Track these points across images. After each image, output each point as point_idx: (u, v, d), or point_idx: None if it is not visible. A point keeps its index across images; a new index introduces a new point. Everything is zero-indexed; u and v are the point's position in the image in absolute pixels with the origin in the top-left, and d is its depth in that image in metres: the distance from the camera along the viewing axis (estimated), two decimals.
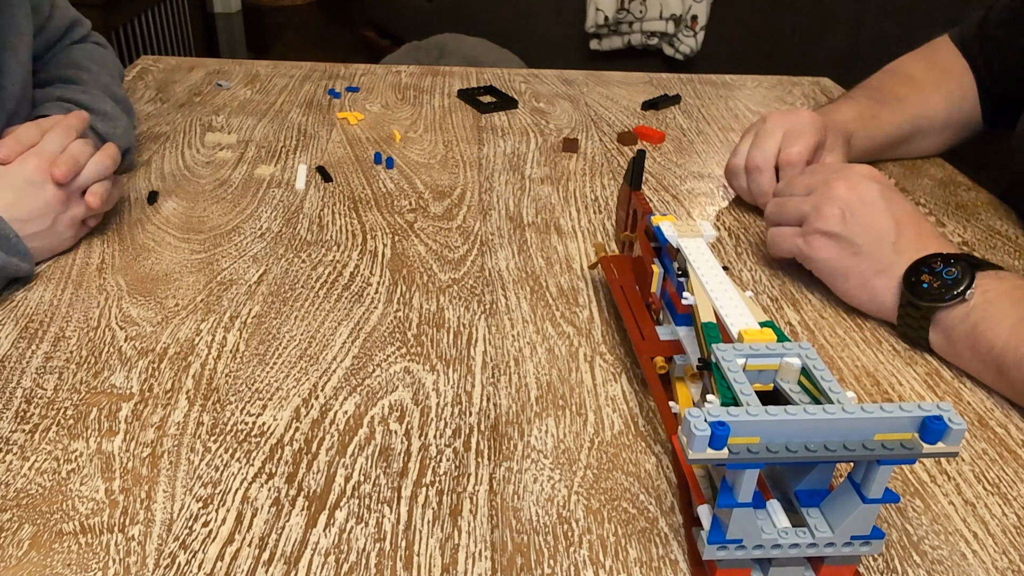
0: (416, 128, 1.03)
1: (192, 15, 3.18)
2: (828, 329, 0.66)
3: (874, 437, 0.38)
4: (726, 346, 0.44)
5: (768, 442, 0.37)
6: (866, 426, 0.38)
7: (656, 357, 0.54)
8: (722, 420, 0.36)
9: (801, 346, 0.44)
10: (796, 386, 0.43)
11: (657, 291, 0.59)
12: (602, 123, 1.07)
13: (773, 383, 0.44)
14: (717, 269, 0.53)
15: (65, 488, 0.48)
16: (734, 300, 0.50)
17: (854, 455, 0.37)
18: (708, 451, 0.36)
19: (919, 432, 0.38)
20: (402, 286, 0.69)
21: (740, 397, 0.40)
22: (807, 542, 0.40)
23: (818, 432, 0.38)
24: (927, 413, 0.37)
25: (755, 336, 0.46)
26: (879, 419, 0.37)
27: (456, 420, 0.55)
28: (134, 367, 0.58)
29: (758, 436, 0.37)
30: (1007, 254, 0.78)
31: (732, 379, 0.41)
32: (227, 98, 1.09)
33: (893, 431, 0.38)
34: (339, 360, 0.60)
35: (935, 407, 0.38)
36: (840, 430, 0.38)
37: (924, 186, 0.92)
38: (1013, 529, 0.48)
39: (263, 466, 0.50)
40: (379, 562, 0.44)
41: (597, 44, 2.68)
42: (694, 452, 0.36)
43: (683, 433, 0.37)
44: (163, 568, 0.43)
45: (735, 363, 0.43)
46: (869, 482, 0.39)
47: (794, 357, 0.43)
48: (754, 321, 0.48)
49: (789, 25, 2.61)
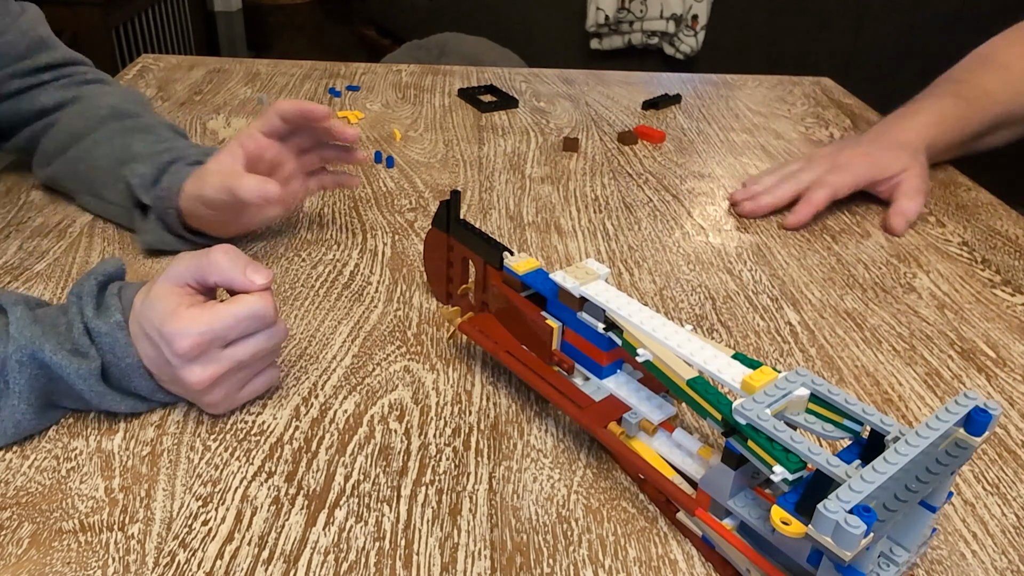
0: (416, 127, 1.03)
1: (192, 13, 3.18)
2: (828, 329, 0.66)
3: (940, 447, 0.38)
4: (749, 403, 0.39)
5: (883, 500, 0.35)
6: (935, 444, 0.37)
7: (610, 424, 0.48)
8: (864, 504, 0.33)
9: (800, 372, 0.41)
10: (809, 416, 0.41)
11: (558, 346, 0.53)
12: (602, 123, 1.07)
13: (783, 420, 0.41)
14: (645, 310, 0.48)
15: (65, 486, 0.48)
16: (698, 344, 0.45)
17: (939, 476, 0.37)
18: (863, 540, 0.33)
19: (965, 427, 0.38)
20: (402, 285, 0.69)
21: (815, 459, 0.36)
22: (893, 572, 0.39)
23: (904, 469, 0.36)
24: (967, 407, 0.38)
25: (760, 380, 0.41)
26: (942, 433, 0.37)
27: (456, 419, 0.55)
28: None
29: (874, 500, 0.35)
30: (1007, 254, 0.79)
31: (789, 437, 0.37)
32: (227, 97, 1.09)
33: (948, 437, 0.38)
34: (339, 359, 0.60)
35: (966, 399, 0.38)
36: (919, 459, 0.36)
37: None
38: (1012, 529, 0.48)
39: (263, 465, 0.50)
40: (378, 561, 0.44)
41: (598, 43, 2.68)
42: (852, 551, 0.33)
43: (822, 532, 0.33)
44: (162, 566, 0.43)
45: (770, 419, 0.38)
46: (938, 493, 0.39)
47: (802, 388, 0.41)
48: (736, 362, 0.44)
49: (789, 25, 2.61)
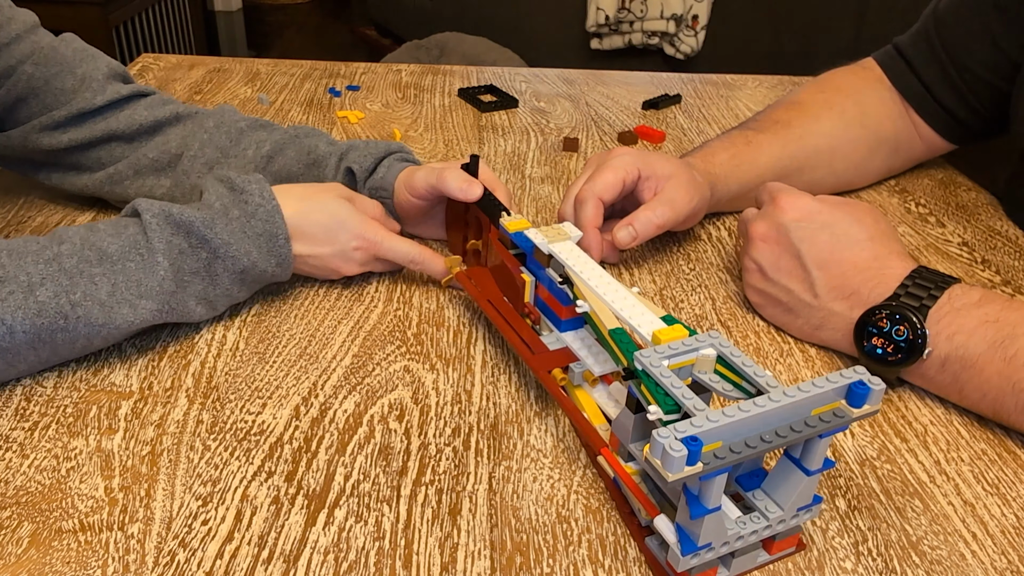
0: (416, 127, 1.03)
1: (193, 13, 3.18)
2: None
3: (811, 412, 0.40)
4: (648, 351, 0.43)
5: (729, 443, 0.38)
6: (804, 405, 0.40)
7: (554, 370, 0.53)
8: (693, 435, 0.36)
9: (711, 335, 0.44)
10: (715, 376, 0.44)
11: (531, 300, 0.58)
12: (603, 122, 1.07)
13: (691, 377, 0.44)
14: (600, 271, 0.53)
15: (65, 486, 0.48)
16: (630, 301, 0.50)
17: (802, 435, 0.39)
18: (686, 469, 0.36)
19: (846, 399, 0.41)
20: (402, 285, 0.69)
21: (684, 403, 0.40)
22: (763, 525, 0.42)
23: (765, 421, 0.39)
24: (850, 380, 0.40)
25: (669, 335, 0.45)
26: (814, 396, 0.40)
27: (456, 419, 0.55)
28: (134, 365, 0.58)
29: (720, 440, 0.38)
30: (1007, 254, 0.78)
31: (669, 385, 0.41)
32: (227, 97, 1.09)
33: (825, 403, 0.40)
34: (339, 359, 0.60)
35: (853, 373, 0.41)
36: (784, 415, 0.39)
37: (924, 186, 0.92)
38: (1012, 529, 0.48)
39: (263, 464, 0.50)
40: (378, 561, 0.44)
41: (598, 43, 2.68)
42: (674, 473, 0.36)
43: (654, 455, 0.37)
44: (162, 566, 0.43)
45: (664, 368, 0.42)
46: (811, 455, 0.41)
47: (709, 348, 0.44)
48: (658, 320, 0.48)
49: (789, 25, 2.61)
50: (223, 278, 0.59)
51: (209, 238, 0.57)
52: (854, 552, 0.46)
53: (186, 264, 0.57)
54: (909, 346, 0.55)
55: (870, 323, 0.57)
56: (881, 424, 0.56)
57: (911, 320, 0.55)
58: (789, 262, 0.61)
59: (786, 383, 0.59)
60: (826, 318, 0.60)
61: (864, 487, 0.51)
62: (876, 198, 0.89)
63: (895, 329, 0.55)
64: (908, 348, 0.55)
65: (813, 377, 0.60)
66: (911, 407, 0.58)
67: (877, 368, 0.56)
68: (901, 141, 0.87)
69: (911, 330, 0.55)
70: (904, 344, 0.55)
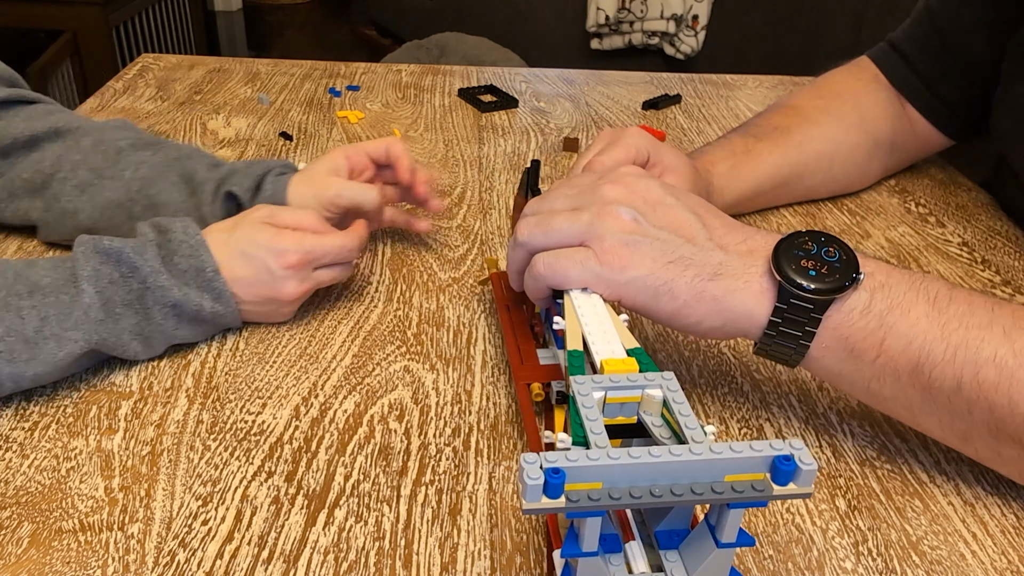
0: (416, 127, 1.03)
1: (193, 13, 3.18)
2: None
3: (724, 479, 0.35)
4: (584, 378, 0.40)
5: (611, 487, 0.34)
6: (715, 467, 0.35)
7: (533, 383, 0.51)
8: (557, 467, 0.33)
9: (664, 376, 0.41)
10: (659, 419, 0.40)
11: (541, 312, 0.57)
12: (603, 122, 1.07)
13: (637, 416, 0.41)
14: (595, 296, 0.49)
15: (65, 486, 0.48)
16: (604, 326, 0.46)
17: (701, 498, 0.34)
18: (544, 500, 0.33)
19: (770, 473, 0.35)
20: (402, 285, 0.69)
21: (589, 436, 0.37)
22: None
23: (666, 474, 0.35)
24: (777, 452, 0.34)
25: (616, 366, 0.42)
26: (728, 460, 0.34)
27: (456, 419, 0.55)
28: (134, 365, 0.58)
29: (600, 481, 0.34)
30: (1007, 254, 0.78)
31: (584, 415, 0.38)
32: (227, 97, 1.09)
33: (744, 472, 0.35)
34: (339, 359, 0.60)
35: (787, 445, 0.35)
36: (689, 471, 0.35)
37: (924, 186, 0.92)
38: (1012, 530, 0.48)
39: (263, 464, 0.50)
40: (378, 561, 0.44)
41: (598, 43, 2.69)
42: (528, 502, 0.33)
43: (519, 480, 0.33)
44: (162, 566, 0.43)
45: (591, 397, 0.39)
46: (722, 526, 0.36)
47: (656, 389, 0.40)
48: (621, 349, 0.44)
49: (789, 25, 2.61)
50: (155, 312, 0.56)
51: (139, 265, 0.55)
52: (854, 552, 0.46)
53: (117, 295, 0.55)
54: (845, 265, 0.47)
55: (796, 246, 0.48)
56: (881, 424, 0.56)
57: (841, 242, 0.48)
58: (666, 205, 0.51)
59: (787, 383, 0.59)
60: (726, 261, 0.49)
61: (864, 487, 0.51)
62: (876, 198, 0.89)
63: (825, 251, 0.48)
64: (844, 267, 0.47)
65: (815, 377, 0.60)
66: None
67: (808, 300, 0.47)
68: (898, 142, 0.87)
69: (842, 250, 0.48)
70: (839, 264, 0.47)
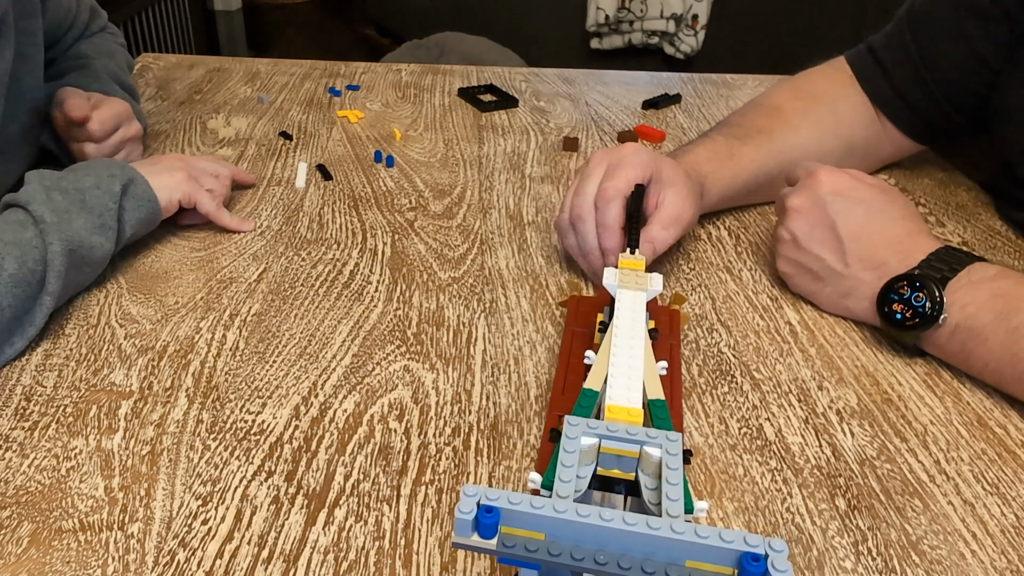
0: (416, 126, 1.03)
1: (192, 12, 3.18)
2: (828, 329, 0.66)
3: (685, 563, 0.32)
4: (579, 420, 0.38)
5: (552, 541, 0.32)
6: (675, 548, 0.31)
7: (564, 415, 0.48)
8: (492, 506, 0.31)
9: (669, 437, 0.37)
10: (653, 481, 0.37)
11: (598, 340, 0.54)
12: (602, 122, 1.07)
13: (635, 473, 0.38)
14: (640, 331, 0.46)
15: (65, 485, 0.48)
16: (634, 371, 0.43)
17: None
18: (474, 537, 0.32)
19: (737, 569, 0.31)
20: (402, 284, 0.69)
21: (557, 483, 0.35)
22: None
23: (618, 543, 0.32)
24: (749, 549, 0.30)
25: (618, 415, 0.39)
26: (688, 544, 0.31)
27: (455, 419, 0.55)
28: (134, 365, 0.58)
29: (543, 532, 0.32)
30: (1007, 254, 0.78)
31: (561, 459, 0.35)
32: (227, 96, 1.09)
33: (708, 561, 0.31)
34: (339, 358, 0.60)
35: (763, 543, 0.31)
36: (644, 546, 0.32)
37: (924, 186, 0.92)
38: (1012, 529, 0.48)
39: (262, 464, 0.50)
40: (378, 560, 0.44)
41: (598, 43, 2.69)
42: (457, 535, 0.32)
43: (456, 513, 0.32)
44: (162, 566, 0.43)
45: (577, 441, 0.37)
46: None
47: (655, 448, 0.37)
48: (638, 398, 0.41)
49: (789, 25, 2.61)
50: None
51: None
52: (854, 552, 0.46)
53: None
54: (926, 312, 0.59)
55: (892, 290, 0.61)
56: (881, 424, 0.56)
57: (930, 288, 0.59)
58: (823, 233, 0.65)
59: (787, 382, 0.59)
60: (854, 287, 0.64)
61: (864, 487, 0.51)
62: None
63: (914, 296, 0.59)
64: (924, 314, 0.59)
65: (814, 377, 0.60)
66: (911, 407, 0.58)
67: (895, 333, 0.61)
68: (870, 147, 0.89)
69: (929, 298, 0.58)
70: (921, 310, 0.59)
